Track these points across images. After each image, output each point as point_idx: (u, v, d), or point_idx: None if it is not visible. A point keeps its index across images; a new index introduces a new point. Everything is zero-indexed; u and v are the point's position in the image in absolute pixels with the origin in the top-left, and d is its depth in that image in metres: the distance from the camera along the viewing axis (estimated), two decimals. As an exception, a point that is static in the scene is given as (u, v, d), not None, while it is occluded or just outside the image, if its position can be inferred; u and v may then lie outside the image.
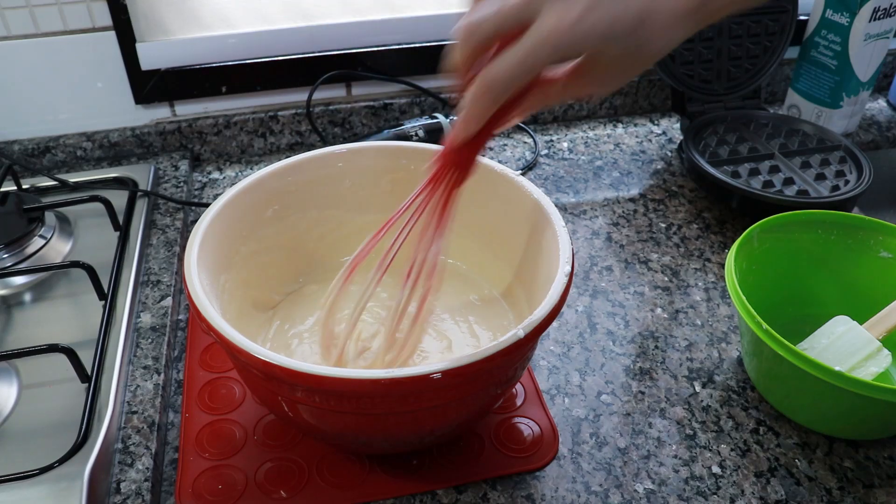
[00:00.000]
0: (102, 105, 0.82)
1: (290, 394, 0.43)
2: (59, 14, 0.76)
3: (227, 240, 0.54)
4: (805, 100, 0.91)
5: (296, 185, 0.59)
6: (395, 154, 0.60)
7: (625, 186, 0.83)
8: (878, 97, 1.01)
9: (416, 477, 0.51)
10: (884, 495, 0.51)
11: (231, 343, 0.42)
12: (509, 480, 0.51)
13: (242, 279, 0.56)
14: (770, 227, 0.61)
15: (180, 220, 0.74)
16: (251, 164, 0.87)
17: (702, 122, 0.84)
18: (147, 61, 0.80)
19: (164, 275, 0.67)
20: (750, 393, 0.58)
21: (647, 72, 0.96)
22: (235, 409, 0.56)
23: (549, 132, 0.93)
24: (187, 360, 0.60)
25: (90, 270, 0.61)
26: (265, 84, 0.85)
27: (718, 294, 0.68)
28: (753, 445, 0.54)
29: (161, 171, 0.81)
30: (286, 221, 0.60)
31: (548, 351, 0.62)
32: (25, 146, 0.81)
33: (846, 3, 0.82)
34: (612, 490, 0.51)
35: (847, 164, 0.78)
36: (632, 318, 0.65)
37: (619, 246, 0.74)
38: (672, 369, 0.60)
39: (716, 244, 0.74)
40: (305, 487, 0.50)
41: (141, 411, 0.54)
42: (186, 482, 0.50)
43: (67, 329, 0.60)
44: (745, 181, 0.76)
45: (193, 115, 0.86)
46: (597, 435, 0.55)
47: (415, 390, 0.41)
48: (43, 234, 0.69)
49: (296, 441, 0.53)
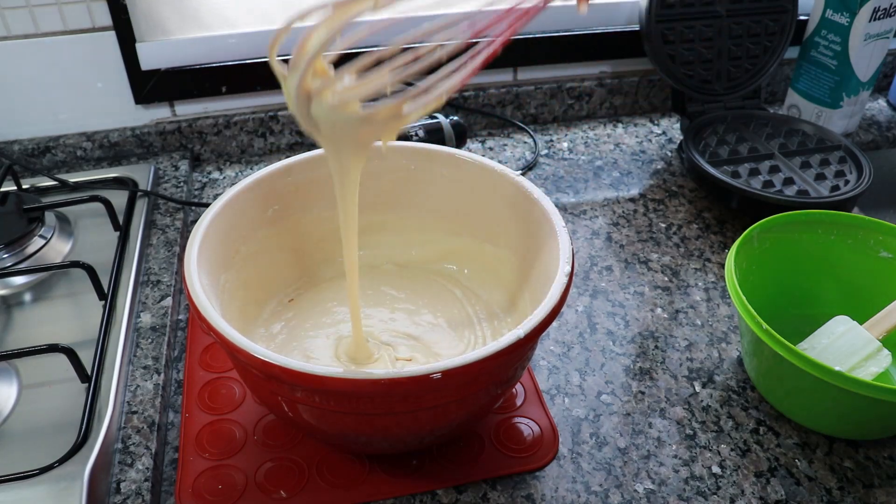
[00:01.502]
0: (102, 105, 0.82)
1: (290, 394, 0.43)
2: (59, 14, 0.76)
3: (227, 240, 0.54)
4: (805, 100, 0.91)
5: (296, 185, 0.59)
6: (395, 154, 0.60)
7: (625, 186, 0.83)
8: (878, 97, 1.01)
9: (416, 477, 0.51)
10: (884, 495, 0.51)
11: (231, 343, 0.42)
12: (509, 480, 0.51)
13: (242, 279, 0.56)
14: (770, 227, 0.61)
15: (180, 220, 0.74)
16: (251, 164, 0.87)
17: (702, 122, 0.84)
18: (147, 61, 0.80)
19: (164, 275, 0.67)
20: (750, 393, 0.58)
21: (646, 71, 0.96)
22: (235, 409, 0.56)
23: (549, 132, 0.93)
24: (187, 360, 0.60)
25: (90, 270, 0.61)
26: (265, 84, 0.85)
27: (718, 294, 0.68)
28: (753, 445, 0.54)
29: (161, 171, 0.81)
30: (286, 221, 0.60)
31: (548, 351, 0.62)
32: (25, 146, 0.81)
33: (846, 3, 0.82)
34: (612, 490, 0.51)
35: (847, 164, 0.78)
36: (632, 318, 0.65)
37: (619, 246, 0.74)
38: (672, 369, 0.60)
39: (716, 244, 0.74)
40: (305, 487, 0.50)
41: (141, 411, 0.54)
42: (186, 482, 0.50)
43: (67, 329, 0.60)
44: (745, 181, 0.76)
45: (193, 115, 0.86)
46: (597, 435, 0.55)
47: (415, 390, 0.41)
48: (43, 234, 0.69)
49: (296, 441, 0.53)
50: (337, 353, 0.55)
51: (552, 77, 0.94)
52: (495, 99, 0.92)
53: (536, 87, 0.93)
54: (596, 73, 0.95)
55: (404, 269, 0.64)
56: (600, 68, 0.95)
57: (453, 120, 0.82)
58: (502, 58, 0.90)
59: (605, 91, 0.95)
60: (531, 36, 0.89)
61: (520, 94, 0.92)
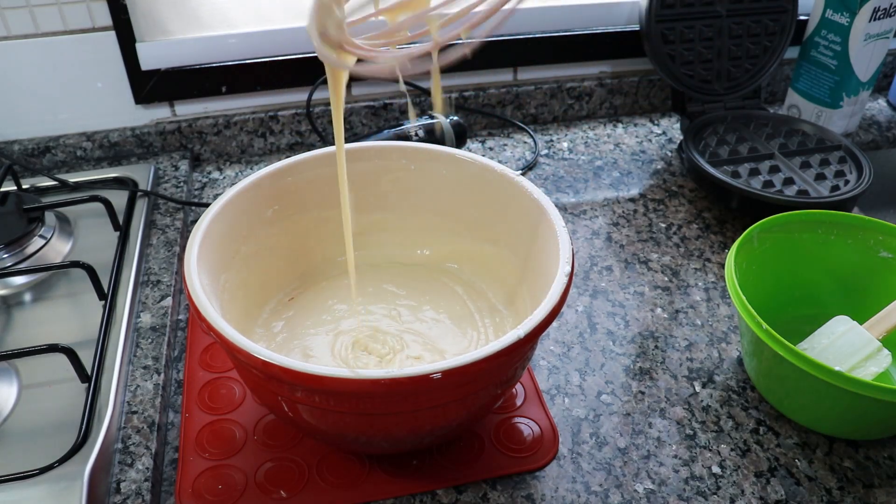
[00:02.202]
0: (102, 105, 0.82)
1: (290, 394, 0.43)
2: (59, 14, 0.76)
3: (227, 240, 0.54)
4: (805, 100, 0.91)
5: (296, 185, 0.59)
6: (395, 154, 0.60)
7: (625, 186, 0.83)
8: (878, 97, 1.01)
9: (416, 477, 0.51)
10: (884, 495, 0.51)
11: (231, 343, 0.42)
12: (509, 480, 0.51)
13: (242, 279, 0.56)
14: (770, 227, 0.61)
15: (180, 220, 0.74)
16: (251, 164, 0.87)
17: (702, 122, 0.84)
18: (147, 61, 0.80)
19: (164, 275, 0.67)
20: (750, 393, 0.58)
21: (646, 71, 0.96)
22: (235, 409, 0.56)
23: (549, 132, 0.93)
24: (187, 360, 0.60)
25: (90, 270, 0.61)
26: (265, 84, 0.85)
27: (718, 294, 0.68)
28: (753, 445, 0.54)
29: (161, 171, 0.81)
30: (286, 221, 0.60)
31: (548, 351, 0.62)
32: (25, 146, 0.81)
33: (846, 3, 0.82)
34: (612, 490, 0.51)
35: (847, 164, 0.78)
36: (632, 318, 0.65)
37: (619, 246, 0.74)
38: (672, 369, 0.60)
39: (716, 244, 0.74)
40: (305, 487, 0.50)
41: (141, 411, 0.54)
42: (186, 482, 0.50)
43: (67, 329, 0.60)
44: (745, 181, 0.76)
45: (193, 115, 0.86)
46: (597, 435, 0.55)
47: (415, 390, 0.41)
48: (43, 234, 0.69)
49: (296, 441, 0.53)
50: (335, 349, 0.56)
51: (552, 77, 0.94)
52: (495, 99, 0.92)
53: (536, 87, 0.93)
54: (596, 73, 0.95)
55: (405, 267, 0.64)
56: (600, 68, 0.95)
57: (453, 120, 0.82)
58: (502, 57, 0.90)
59: (605, 91, 0.95)
60: (531, 36, 0.89)
61: (520, 94, 0.92)
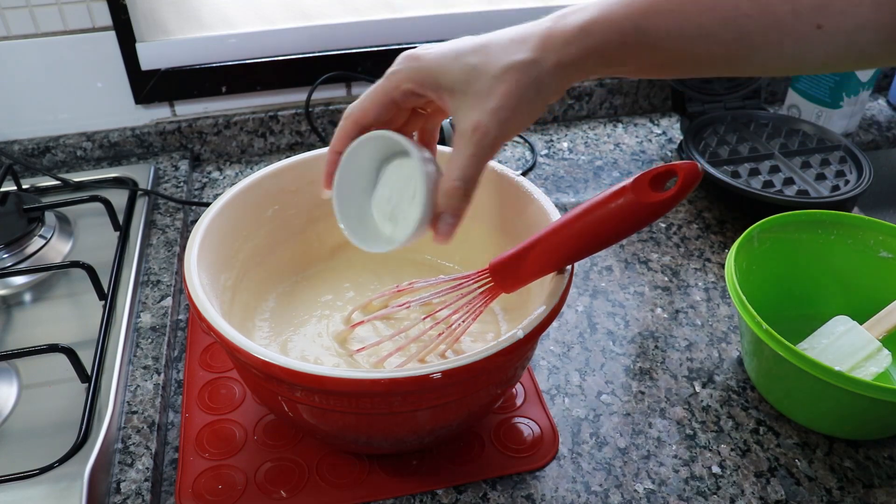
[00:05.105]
0: (102, 105, 0.82)
1: (290, 394, 0.43)
2: (59, 14, 0.76)
3: (227, 240, 0.54)
4: (805, 100, 0.91)
5: (296, 185, 0.59)
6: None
7: (625, 186, 0.83)
8: (878, 97, 1.01)
9: (416, 477, 0.51)
10: (884, 495, 0.51)
11: (231, 343, 0.42)
12: (509, 480, 0.51)
13: (242, 279, 0.56)
14: (770, 227, 0.61)
15: (180, 220, 0.74)
16: (251, 164, 0.87)
17: (702, 122, 0.84)
18: (147, 61, 0.80)
19: (164, 275, 0.67)
20: (750, 393, 0.58)
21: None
22: (235, 409, 0.56)
23: (549, 132, 0.93)
24: (187, 360, 0.60)
25: (90, 270, 0.61)
26: (265, 84, 0.85)
27: (718, 294, 0.68)
28: (753, 445, 0.54)
29: (161, 170, 0.81)
30: (286, 221, 0.60)
31: (548, 351, 0.62)
32: (25, 146, 0.81)
33: (846, 3, 0.82)
34: (612, 490, 0.51)
35: (847, 164, 0.78)
36: (632, 318, 0.65)
37: (618, 246, 0.74)
38: (672, 369, 0.60)
39: (716, 244, 0.74)
40: (305, 487, 0.50)
41: (141, 411, 0.54)
42: (186, 482, 0.50)
43: (67, 329, 0.60)
44: (745, 181, 0.76)
45: (193, 115, 0.86)
46: (597, 435, 0.55)
47: (415, 390, 0.41)
48: (43, 234, 0.69)
49: (296, 441, 0.53)
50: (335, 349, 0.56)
51: (552, 77, 0.94)
52: (495, 99, 0.92)
53: (536, 87, 0.92)
54: (596, 73, 0.95)
55: (405, 266, 0.64)
56: (600, 68, 0.95)
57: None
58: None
59: (605, 91, 0.95)
60: (531, 36, 0.89)
61: (520, 94, 0.92)
